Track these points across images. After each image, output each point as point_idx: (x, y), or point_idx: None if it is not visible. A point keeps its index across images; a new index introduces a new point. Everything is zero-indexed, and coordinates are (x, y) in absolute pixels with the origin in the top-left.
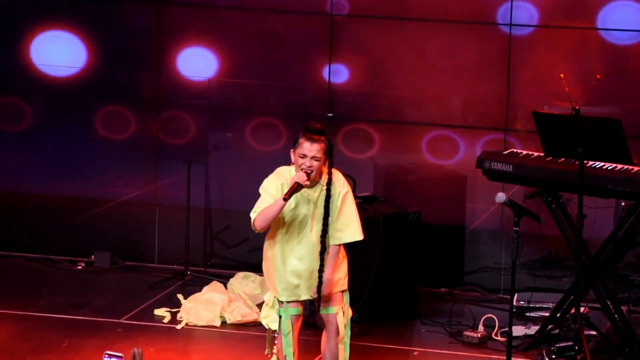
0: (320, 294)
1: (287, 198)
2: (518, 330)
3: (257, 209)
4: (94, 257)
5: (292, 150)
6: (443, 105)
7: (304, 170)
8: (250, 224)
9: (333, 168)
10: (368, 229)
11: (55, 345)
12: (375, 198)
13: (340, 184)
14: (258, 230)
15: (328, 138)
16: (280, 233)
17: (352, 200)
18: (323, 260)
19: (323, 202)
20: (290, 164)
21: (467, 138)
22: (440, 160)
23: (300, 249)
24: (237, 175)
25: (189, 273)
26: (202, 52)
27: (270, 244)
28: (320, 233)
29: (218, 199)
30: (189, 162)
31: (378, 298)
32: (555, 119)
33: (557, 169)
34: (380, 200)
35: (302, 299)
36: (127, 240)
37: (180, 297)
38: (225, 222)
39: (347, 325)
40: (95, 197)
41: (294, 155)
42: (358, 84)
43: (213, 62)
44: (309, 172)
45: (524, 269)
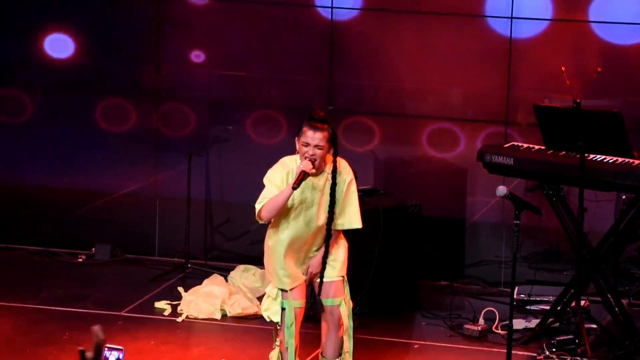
0: (323, 281)
1: (295, 187)
2: (518, 324)
3: (262, 200)
4: (95, 249)
5: (296, 139)
6: (444, 98)
7: (308, 159)
8: (255, 216)
9: (338, 156)
10: (368, 222)
11: (56, 338)
12: (376, 191)
13: (347, 172)
14: (264, 221)
15: (332, 126)
16: (285, 222)
17: (355, 188)
18: (328, 247)
19: (329, 189)
20: (295, 153)
21: (467, 131)
22: (441, 154)
23: (305, 236)
24: (237, 168)
25: (190, 266)
26: (202, 44)
27: (274, 232)
28: (326, 220)
29: (218, 192)
30: (190, 154)
31: (378, 291)
32: (556, 112)
33: (558, 162)
34: (381, 193)
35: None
36: (127, 233)
37: (181, 289)
38: (226, 215)
39: (349, 316)
40: (96, 189)
41: (298, 144)
42: (359, 77)
43: (213, 54)
44: (313, 160)
45: (525, 262)
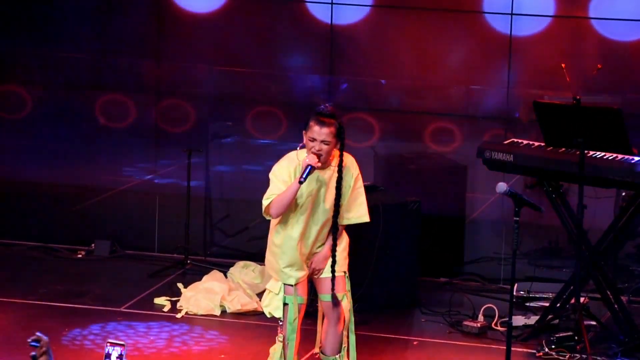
0: (325, 276)
1: (302, 181)
2: (518, 320)
3: (270, 196)
4: (94, 245)
5: (303, 132)
6: (443, 95)
7: (314, 153)
8: (262, 211)
9: (345, 151)
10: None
11: (55, 334)
12: (376, 187)
13: (354, 167)
14: (273, 217)
15: (339, 121)
16: (294, 217)
17: (361, 183)
18: (335, 240)
19: (335, 183)
20: (299, 147)
21: (467, 127)
22: (441, 150)
23: (314, 231)
24: (237, 164)
25: (189, 262)
26: (202, 40)
27: (282, 228)
28: (332, 214)
29: (218, 188)
30: (189, 150)
31: (378, 288)
32: (556, 109)
33: (557, 159)
34: (381, 190)
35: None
36: (127, 229)
37: (180, 286)
38: (225, 211)
39: (351, 311)
40: (95, 185)
41: (305, 138)
42: (359, 73)
43: (213, 50)
44: (319, 154)
45: (524, 259)
